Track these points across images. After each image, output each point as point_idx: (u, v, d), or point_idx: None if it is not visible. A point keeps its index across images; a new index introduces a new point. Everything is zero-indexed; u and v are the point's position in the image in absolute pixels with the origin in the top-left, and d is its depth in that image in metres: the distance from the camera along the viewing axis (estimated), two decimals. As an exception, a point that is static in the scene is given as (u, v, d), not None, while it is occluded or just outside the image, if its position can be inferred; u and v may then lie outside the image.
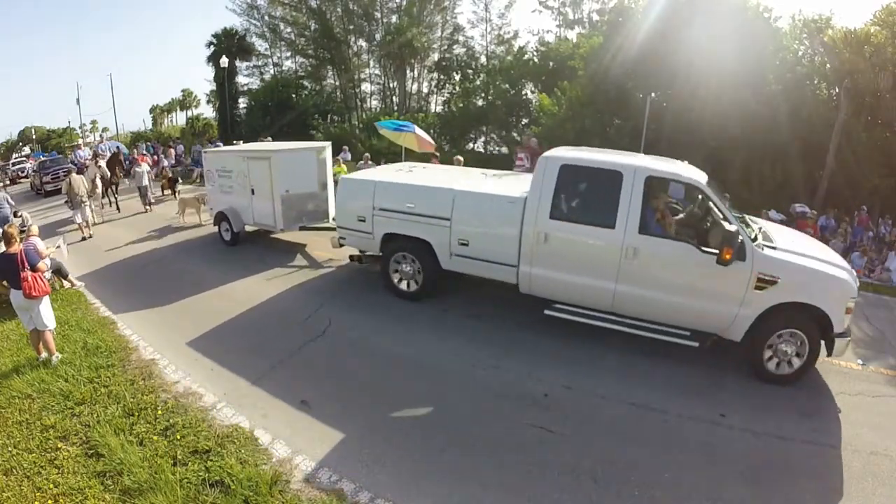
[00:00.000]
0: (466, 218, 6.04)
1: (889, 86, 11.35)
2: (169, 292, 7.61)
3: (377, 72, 27.77)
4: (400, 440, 4.25)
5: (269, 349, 5.73)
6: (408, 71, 25.98)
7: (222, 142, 26.08)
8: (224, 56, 26.11)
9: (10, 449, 4.21)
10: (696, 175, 5.35)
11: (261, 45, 29.62)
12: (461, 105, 23.82)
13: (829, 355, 4.88)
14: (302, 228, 9.40)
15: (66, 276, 7.88)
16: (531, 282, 5.67)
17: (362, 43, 27.37)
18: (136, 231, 11.67)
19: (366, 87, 28.66)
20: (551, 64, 20.36)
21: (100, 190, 13.19)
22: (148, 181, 14.11)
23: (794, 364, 4.87)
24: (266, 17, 28.54)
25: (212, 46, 29.17)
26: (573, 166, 5.41)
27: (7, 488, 3.79)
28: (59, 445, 4.22)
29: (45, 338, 5.53)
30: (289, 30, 28.69)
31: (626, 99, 14.47)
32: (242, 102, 30.22)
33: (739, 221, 4.96)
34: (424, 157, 12.66)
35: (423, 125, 16.63)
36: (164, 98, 75.37)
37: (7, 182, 25.95)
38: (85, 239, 11.15)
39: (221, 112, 29.44)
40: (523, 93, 22.28)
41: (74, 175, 11.71)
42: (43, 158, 25.89)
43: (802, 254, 4.92)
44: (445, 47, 26.43)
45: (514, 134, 21.29)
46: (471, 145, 24.48)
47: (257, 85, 29.66)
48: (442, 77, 26.66)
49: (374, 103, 28.35)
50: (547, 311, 5.58)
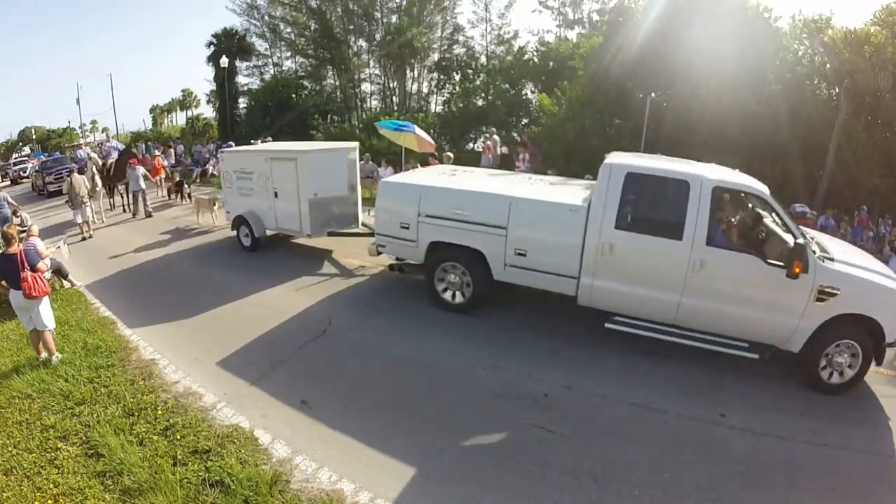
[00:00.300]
0: (524, 226, 5.70)
1: (889, 86, 11.35)
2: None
3: (377, 72, 27.75)
4: (400, 440, 4.25)
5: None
6: (408, 71, 25.95)
7: (222, 141, 26.13)
8: (224, 56, 26.11)
9: (10, 449, 4.21)
10: (760, 185, 5.24)
11: (261, 45, 29.60)
12: (461, 105, 23.79)
13: (879, 364, 4.87)
14: (330, 234, 8.91)
15: (66, 276, 7.88)
16: (592, 294, 5.42)
17: (362, 43, 27.34)
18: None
19: (366, 87, 28.63)
20: (551, 64, 20.33)
21: (100, 190, 13.20)
22: (144, 185, 13.23)
23: (846, 374, 4.85)
24: (266, 17, 28.51)
25: (212, 46, 29.15)
26: (639, 175, 5.19)
27: (7, 488, 3.79)
28: (59, 445, 4.22)
29: (44, 338, 5.53)
30: (289, 30, 28.66)
31: (626, 99, 14.45)
32: (242, 102, 30.17)
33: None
34: (424, 158, 12.70)
35: (423, 125, 16.60)
36: (164, 98, 75.36)
37: (8, 182, 25.88)
38: (85, 239, 11.16)
39: (221, 112, 29.43)
40: (523, 93, 22.24)
41: (75, 175, 11.71)
42: (45, 158, 25.45)
43: (858, 265, 4.90)
44: (445, 47, 26.40)
45: (514, 134, 21.26)
46: (471, 145, 24.46)
47: (257, 85, 29.62)
48: (442, 77, 26.62)
49: (374, 103, 28.33)
50: (608, 325, 5.34)
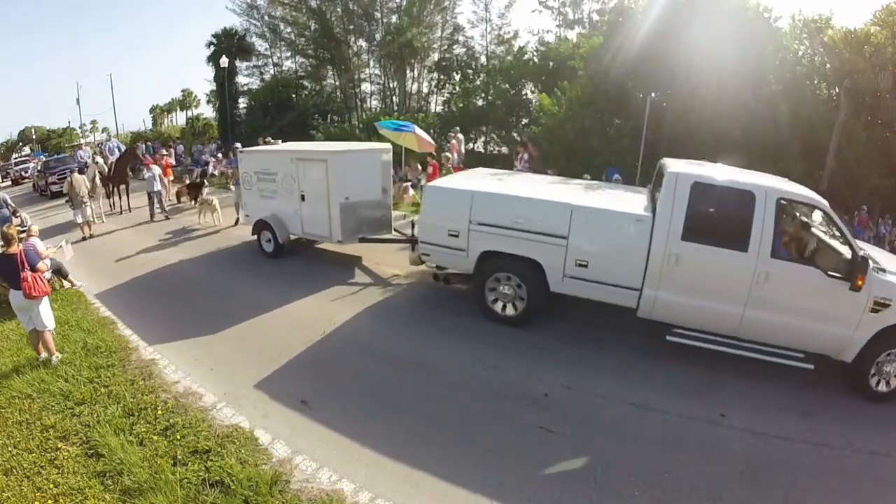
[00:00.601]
0: (587, 236, 5.44)
1: (889, 86, 11.35)
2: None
3: (377, 72, 27.74)
4: (400, 440, 4.25)
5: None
6: (408, 71, 25.94)
7: (222, 141, 26.11)
8: (224, 56, 26.07)
9: (10, 449, 4.21)
10: (819, 197, 5.21)
11: (261, 45, 29.56)
12: (461, 105, 23.80)
13: None
14: (362, 240, 8.43)
15: (66, 276, 7.88)
16: (655, 306, 5.26)
17: (362, 43, 27.33)
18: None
19: (366, 87, 28.62)
20: (551, 64, 20.34)
21: (100, 189, 13.20)
22: (161, 186, 13.01)
23: (892, 384, 4.87)
24: (266, 17, 28.48)
25: (212, 46, 29.11)
26: (705, 184, 5.08)
27: (7, 488, 3.79)
28: (59, 445, 4.22)
29: (44, 338, 5.53)
30: (289, 30, 28.64)
31: (626, 99, 14.45)
32: (242, 102, 30.12)
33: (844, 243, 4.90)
34: (423, 158, 12.70)
35: (423, 125, 16.61)
36: (164, 98, 75.43)
37: (9, 183, 25.71)
38: (85, 238, 11.16)
39: (221, 112, 29.38)
40: (523, 93, 22.26)
41: (76, 174, 11.71)
42: (48, 158, 24.89)
43: None
44: (445, 47, 26.39)
45: (514, 134, 21.27)
46: (471, 145, 24.47)
47: (257, 85, 29.58)
48: (442, 77, 26.62)
49: (374, 103, 28.32)
50: (669, 338, 5.21)
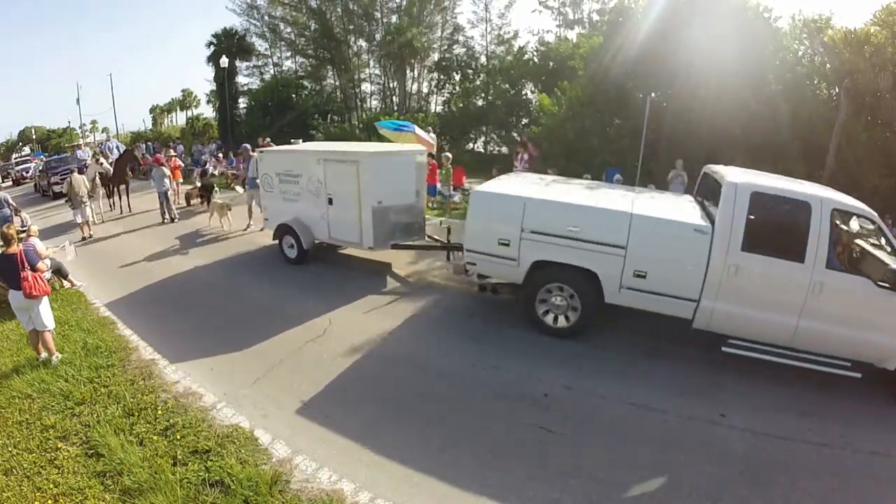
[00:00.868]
0: (645, 246, 5.30)
1: (889, 86, 11.32)
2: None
3: (377, 72, 27.76)
4: (400, 440, 4.25)
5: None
6: (408, 71, 25.96)
7: (222, 141, 26.11)
8: (224, 56, 26.08)
9: (10, 449, 4.21)
10: (868, 208, 5.25)
11: (261, 45, 29.61)
12: (461, 105, 23.82)
13: None
14: (394, 246, 8.05)
15: (66, 276, 7.88)
16: (712, 317, 5.19)
17: (362, 43, 27.36)
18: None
19: (366, 87, 28.66)
20: (551, 64, 20.35)
21: (100, 190, 13.20)
22: (170, 186, 12.77)
23: None
24: (266, 17, 28.53)
25: (212, 46, 29.14)
26: (763, 194, 5.04)
27: (7, 488, 3.79)
28: (59, 445, 4.22)
29: (44, 338, 5.53)
30: (289, 30, 28.67)
31: (626, 99, 14.44)
32: (242, 102, 30.15)
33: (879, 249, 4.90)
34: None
35: (423, 125, 16.62)
36: (164, 98, 75.51)
37: (10, 183, 25.57)
38: (85, 238, 11.17)
39: (221, 112, 29.39)
40: (523, 93, 22.27)
41: (75, 174, 11.73)
42: (50, 157, 24.41)
43: None
44: (445, 47, 26.41)
45: (514, 134, 21.28)
46: (471, 145, 24.50)
47: (257, 85, 29.62)
48: (442, 77, 26.64)
49: (374, 103, 28.34)
50: (725, 349, 5.17)
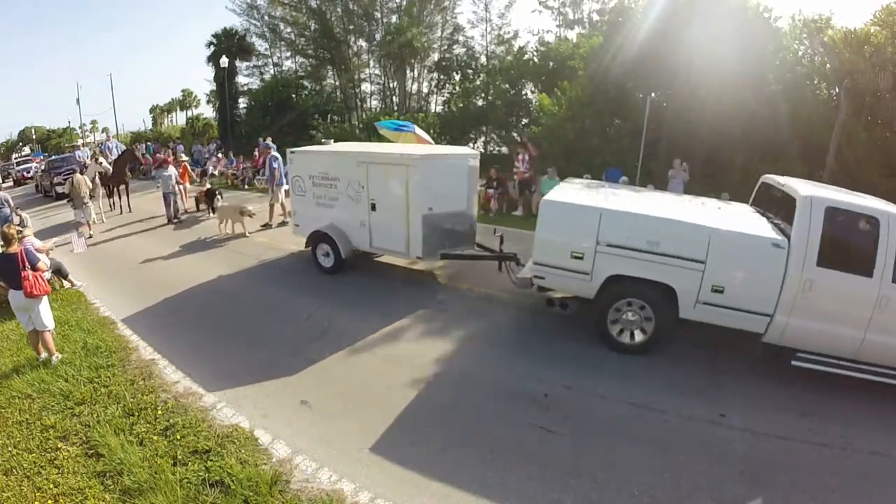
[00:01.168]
0: (724, 261, 5.18)
1: (889, 86, 11.32)
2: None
3: (377, 72, 27.73)
4: (400, 440, 4.26)
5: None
6: (408, 71, 25.94)
7: (222, 141, 26.10)
8: (224, 56, 26.08)
9: (10, 449, 4.21)
10: None
11: (261, 45, 29.59)
12: (461, 105, 23.78)
13: None
14: (443, 256, 7.58)
15: (66, 276, 7.88)
16: (784, 332, 5.15)
17: (362, 43, 27.33)
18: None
19: (366, 87, 28.62)
20: (551, 64, 20.32)
21: (100, 190, 13.22)
22: (177, 188, 12.54)
23: None
24: (266, 17, 28.50)
25: (212, 46, 29.14)
26: (837, 209, 5.02)
27: (7, 488, 3.79)
28: (59, 445, 4.22)
29: (44, 338, 5.53)
30: (289, 30, 28.65)
31: (626, 99, 14.44)
32: (242, 102, 30.15)
33: None
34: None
35: (423, 125, 16.61)
36: (164, 98, 75.53)
37: (11, 183, 25.47)
38: (85, 238, 11.16)
39: (221, 112, 29.40)
40: (523, 93, 22.24)
41: (77, 175, 11.75)
42: (53, 157, 24.01)
43: None
44: (445, 47, 26.39)
45: (514, 134, 21.26)
46: (471, 145, 24.47)
47: (257, 85, 29.60)
48: (442, 77, 26.61)
49: (374, 103, 28.32)
50: (795, 363, 5.13)
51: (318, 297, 7.26)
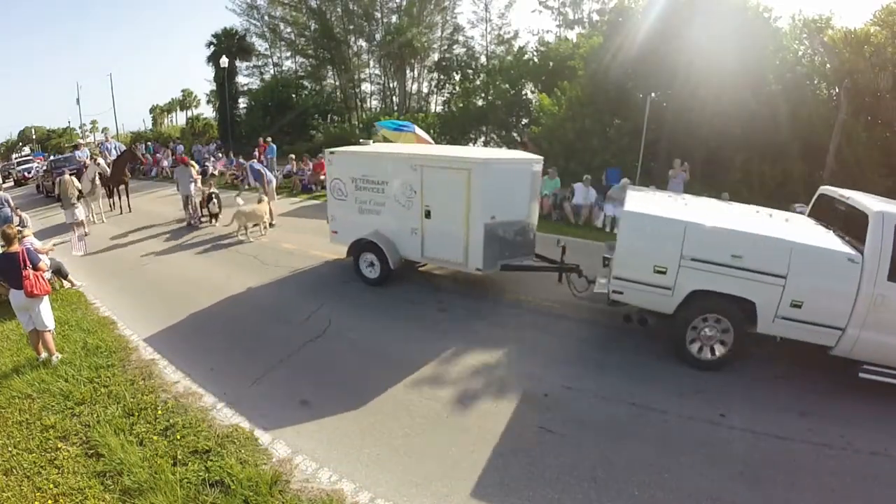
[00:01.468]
0: (803, 276, 5.13)
1: (889, 86, 11.34)
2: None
3: (377, 72, 27.81)
4: (400, 440, 4.26)
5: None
6: (408, 71, 25.98)
7: (222, 141, 26.08)
8: (224, 56, 26.08)
9: (10, 449, 4.21)
10: None
11: (261, 45, 29.65)
12: (461, 105, 23.81)
13: None
14: (504, 268, 7.09)
15: (66, 276, 7.88)
16: (855, 345, 5.12)
17: (362, 43, 27.41)
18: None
19: (366, 87, 28.71)
20: (551, 64, 20.36)
21: (100, 190, 13.20)
22: (194, 189, 12.03)
23: None
24: (266, 17, 28.57)
25: (212, 46, 29.16)
26: None
27: (7, 488, 3.79)
28: (59, 445, 4.22)
29: (44, 338, 5.53)
30: (289, 30, 28.71)
31: (626, 99, 14.46)
32: (242, 102, 30.19)
33: None
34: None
35: (423, 125, 16.63)
36: (164, 98, 75.65)
37: (11, 183, 25.41)
38: (84, 241, 11.15)
39: (221, 112, 29.41)
40: (523, 93, 22.27)
41: (65, 176, 11.69)
42: (56, 157, 23.61)
43: None
44: (445, 47, 26.43)
45: (514, 134, 21.28)
46: (471, 145, 24.49)
47: (257, 85, 29.67)
48: (442, 77, 26.65)
49: (374, 103, 28.38)
50: (862, 375, 5.10)
51: (316, 298, 7.26)
